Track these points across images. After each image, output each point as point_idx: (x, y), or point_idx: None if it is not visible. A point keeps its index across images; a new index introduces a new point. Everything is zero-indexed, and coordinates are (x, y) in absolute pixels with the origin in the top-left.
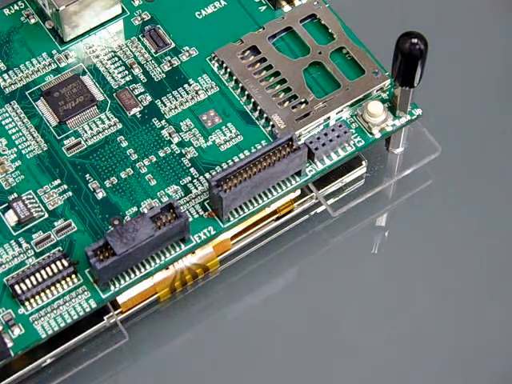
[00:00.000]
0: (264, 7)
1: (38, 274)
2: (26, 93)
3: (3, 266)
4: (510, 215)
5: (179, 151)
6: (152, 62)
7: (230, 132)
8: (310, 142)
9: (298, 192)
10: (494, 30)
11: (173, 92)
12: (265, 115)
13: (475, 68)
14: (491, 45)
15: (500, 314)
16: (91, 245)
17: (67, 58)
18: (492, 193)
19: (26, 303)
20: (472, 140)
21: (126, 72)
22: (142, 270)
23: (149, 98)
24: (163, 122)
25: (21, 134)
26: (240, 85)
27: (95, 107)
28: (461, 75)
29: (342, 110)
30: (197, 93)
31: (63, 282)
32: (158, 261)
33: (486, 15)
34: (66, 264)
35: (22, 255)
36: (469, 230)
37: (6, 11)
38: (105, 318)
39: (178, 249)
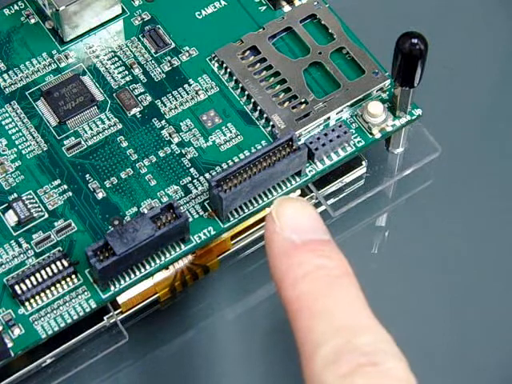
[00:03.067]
0: (264, 7)
1: (37, 274)
2: (26, 93)
3: (3, 266)
4: (510, 215)
5: (179, 151)
6: (152, 62)
7: (230, 132)
8: (310, 143)
9: (298, 192)
10: (493, 29)
11: (173, 92)
12: (265, 115)
13: (475, 68)
14: (491, 45)
15: (501, 314)
16: (91, 245)
17: (67, 58)
18: (492, 193)
19: (26, 303)
20: (472, 140)
21: (126, 72)
22: (142, 270)
23: (149, 98)
24: (163, 122)
25: (21, 134)
26: (240, 85)
27: (95, 107)
28: (461, 75)
29: (342, 110)
30: (197, 93)
31: (63, 282)
32: (158, 261)
33: (486, 15)
34: (65, 264)
35: (22, 255)
36: (469, 230)
37: (6, 11)
38: (105, 318)
39: (177, 249)
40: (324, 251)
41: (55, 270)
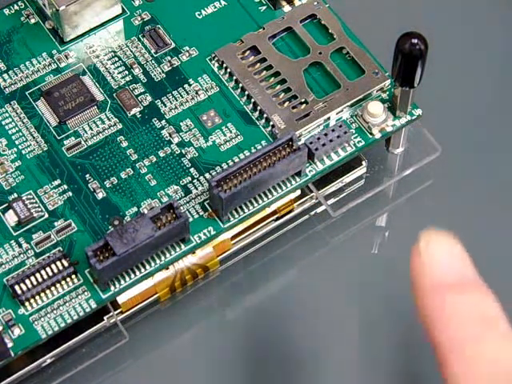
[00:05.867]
0: (264, 7)
1: (38, 274)
2: (26, 93)
3: (3, 266)
4: (510, 215)
5: (179, 151)
6: (152, 62)
7: (230, 132)
8: (310, 143)
9: (298, 192)
10: (493, 29)
11: (173, 92)
12: (265, 115)
13: (475, 68)
14: (491, 45)
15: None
16: (91, 245)
17: (67, 58)
18: (492, 193)
19: (26, 303)
20: (472, 140)
21: (126, 72)
22: (142, 270)
23: (149, 98)
24: (163, 122)
25: (21, 134)
26: (240, 85)
27: (95, 107)
28: (461, 75)
29: (342, 110)
30: (197, 93)
31: (63, 283)
32: (158, 261)
33: (486, 15)
34: (66, 264)
35: (22, 255)
36: (469, 230)
37: (6, 11)
38: (105, 317)
39: (177, 249)
40: (478, 293)
41: (55, 270)
